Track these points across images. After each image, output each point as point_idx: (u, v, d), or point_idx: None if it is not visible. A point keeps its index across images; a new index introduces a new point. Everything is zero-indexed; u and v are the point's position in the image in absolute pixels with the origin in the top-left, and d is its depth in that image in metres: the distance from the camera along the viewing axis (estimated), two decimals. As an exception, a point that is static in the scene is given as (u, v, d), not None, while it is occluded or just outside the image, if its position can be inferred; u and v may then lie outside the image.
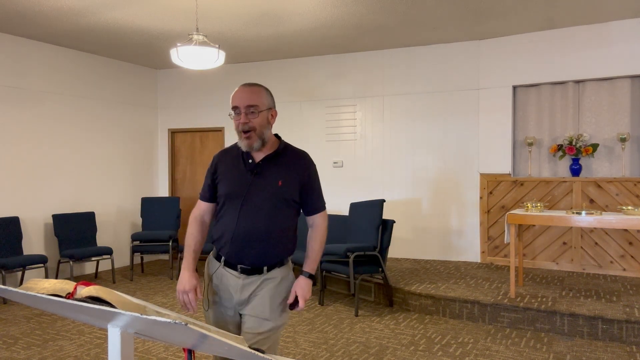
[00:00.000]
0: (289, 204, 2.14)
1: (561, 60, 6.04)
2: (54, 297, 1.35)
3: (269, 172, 2.13)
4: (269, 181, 2.11)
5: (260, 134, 2.09)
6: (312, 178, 2.20)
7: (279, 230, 2.12)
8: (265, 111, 2.10)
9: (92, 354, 3.96)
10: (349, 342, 4.20)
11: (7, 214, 6.01)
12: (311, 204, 2.21)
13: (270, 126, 2.15)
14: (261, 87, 2.14)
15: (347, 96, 7.18)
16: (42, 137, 6.46)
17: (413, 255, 6.85)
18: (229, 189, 2.14)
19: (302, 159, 2.21)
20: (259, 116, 2.08)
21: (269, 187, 2.10)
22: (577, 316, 4.24)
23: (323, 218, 2.24)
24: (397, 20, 5.69)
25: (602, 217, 4.39)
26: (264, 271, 2.12)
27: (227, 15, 5.44)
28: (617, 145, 5.89)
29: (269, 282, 2.13)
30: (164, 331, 1.39)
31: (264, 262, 2.12)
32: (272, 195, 2.09)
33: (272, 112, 2.14)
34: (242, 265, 2.11)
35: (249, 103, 2.07)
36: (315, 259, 2.20)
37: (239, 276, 2.12)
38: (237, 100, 2.10)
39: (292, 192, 2.13)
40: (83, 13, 5.35)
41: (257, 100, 2.09)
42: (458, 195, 6.60)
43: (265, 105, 2.11)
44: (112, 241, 7.23)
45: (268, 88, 2.19)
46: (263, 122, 2.09)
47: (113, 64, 7.42)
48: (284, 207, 2.12)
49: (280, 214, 2.11)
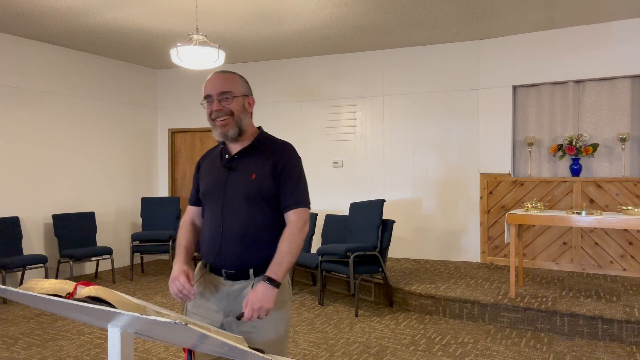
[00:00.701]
0: (267, 198, 1.92)
1: (561, 60, 6.04)
2: (54, 297, 1.35)
3: (243, 165, 1.96)
4: (243, 175, 1.94)
5: (238, 121, 1.94)
6: (287, 169, 1.94)
7: (258, 228, 1.92)
8: (240, 97, 1.96)
9: (92, 354, 3.96)
10: (349, 342, 4.20)
11: (7, 214, 6.01)
12: (284, 199, 1.94)
13: (249, 114, 2.00)
14: (235, 74, 2.01)
15: (347, 96, 7.18)
16: (42, 137, 6.46)
17: (413, 255, 6.85)
18: (205, 187, 2.02)
19: (279, 149, 1.99)
20: (234, 101, 1.94)
21: (243, 181, 1.93)
22: (577, 316, 4.24)
23: (297, 216, 1.92)
24: (397, 20, 5.69)
25: (602, 217, 4.39)
26: (251, 275, 1.91)
27: (227, 15, 5.44)
28: (617, 145, 5.89)
29: None
30: (164, 331, 1.39)
31: (248, 265, 1.90)
32: (246, 190, 1.92)
33: (248, 99, 1.99)
34: (226, 270, 1.93)
35: (222, 90, 1.94)
36: (279, 262, 1.85)
37: (225, 282, 1.94)
38: (209, 89, 1.96)
39: (266, 185, 1.91)
40: (83, 13, 5.35)
41: (231, 87, 1.95)
42: (458, 195, 6.60)
43: (240, 92, 1.97)
44: (112, 241, 7.23)
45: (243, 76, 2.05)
46: (240, 108, 1.95)
47: (113, 64, 7.42)
48: (262, 203, 1.92)
49: (257, 210, 1.92)
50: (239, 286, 1.91)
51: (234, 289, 1.92)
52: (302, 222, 1.92)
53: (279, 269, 1.84)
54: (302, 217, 1.93)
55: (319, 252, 5.31)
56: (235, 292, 1.91)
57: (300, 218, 1.92)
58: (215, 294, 1.95)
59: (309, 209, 1.98)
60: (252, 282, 1.90)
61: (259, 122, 2.16)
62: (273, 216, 1.95)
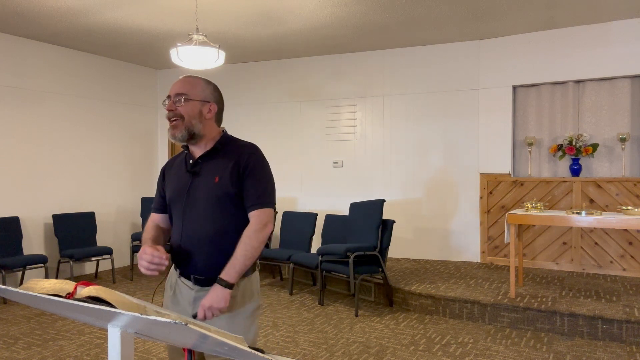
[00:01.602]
0: (232, 201, 1.89)
1: (561, 60, 6.04)
2: (54, 297, 1.35)
3: (206, 169, 1.93)
4: (206, 179, 1.92)
5: (188, 125, 1.91)
6: (250, 168, 1.90)
7: (225, 232, 1.89)
8: (197, 102, 1.93)
9: (92, 354, 3.96)
10: (349, 342, 4.20)
11: (7, 214, 6.01)
12: (246, 199, 1.90)
13: (205, 120, 1.94)
14: (199, 79, 1.99)
15: (347, 96, 7.18)
16: (42, 137, 6.46)
17: (413, 255, 6.85)
18: (171, 194, 1.99)
19: (243, 150, 1.95)
20: (187, 105, 1.91)
21: (206, 185, 1.91)
22: (577, 316, 4.24)
23: (257, 217, 1.88)
24: (397, 20, 5.69)
25: (602, 217, 4.39)
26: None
27: (227, 15, 5.44)
28: (617, 145, 5.89)
29: None
30: (164, 331, 1.39)
31: (216, 270, 1.85)
32: (210, 194, 1.89)
33: (209, 105, 1.95)
34: (194, 275, 1.92)
35: (178, 91, 1.93)
36: (233, 265, 1.83)
37: (193, 287, 1.93)
38: (170, 89, 1.97)
39: (231, 187, 1.88)
40: (83, 13, 5.35)
41: (188, 90, 1.93)
42: (458, 195, 6.60)
43: (198, 96, 1.93)
44: (112, 241, 7.23)
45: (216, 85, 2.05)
46: (192, 113, 1.91)
47: (113, 64, 7.42)
48: (228, 206, 1.89)
49: (223, 213, 1.89)
50: (207, 291, 1.88)
51: (202, 294, 1.90)
52: (260, 223, 1.88)
53: (232, 270, 1.83)
54: (262, 219, 1.89)
55: (319, 252, 5.32)
56: (202, 297, 1.89)
57: (259, 220, 1.88)
58: (184, 298, 1.96)
59: (271, 209, 1.93)
60: None
61: (258, 123, 2.17)
62: (240, 219, 1.91)
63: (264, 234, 1.88)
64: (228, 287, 1.82)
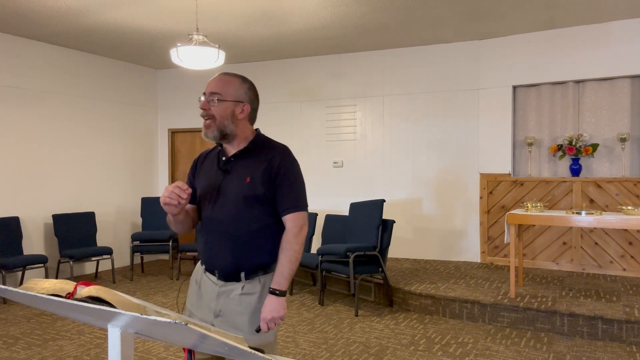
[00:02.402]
0: (261, 202, 1.92)
1: (561, 60, 6.04)
2: (54, 297, 1.35)
3: (238, 168, 1.95)
4: (237, 178, 1.94)
5: (220, 125, 1.92)
6: (283, 172, 1.93)
7: (252, 232, 1.92)
8: (230, 102, 1.93)
9: (92, 354, 3.96)
10: (349, 342, 4.20)
11: (7, 214, 6.01)
12: (280, 203, 1.93)
13: (238, 120, 1.95)
14: (236, 78, 1.97)
15: (347, 96, 7.18)
16: (42, 137, 6.46)
17: (413, 255, 6.85)
18: (202, 190, 2.02)
19: (275, 152, 1.97)
20: (220, 106, 1.92)
21: (237, 184, 1.93)
22: (577, 316, 4.24)
23: (293, 222, 1.93)
24: (397, 20, 5.69)
25: (602, 217, 4.39)
26: (242, 278, 1.92)
27: (227, 15, 5.44)
28: (617, 145, 5.89)
29: (247, 298, 1.92)
30: (164, 331, 1.39)
31: (239, 267, 1.92)
32: (240, 193, 1.91)
33: (242, 106, 1.95)
34: (219, 271, 1.95)
35: (212, 90, 1.94)
36: (281, 272, 1.89)
37: (217, 282, 1.96)
38: (206, 87, 1.97)
39: (261, 188, 1.91)
40: (83, 13, 5.35)
41: (222, 89, 1.93)
42: (458, 195, 6.60)
43: (231, 96, 1.93)
44: (112, 241, 7.23)
45: (252, 83, 2.03)
46: (224, 114, 1.92)
47: (113, 64, 7.42)
48: (256, 206, 1.92)
49: (252, 213, 1.91)
50: (230, 287, 1.94)
51: (225, 289, 1.94)
52: (297, 227, 1.92)
53: (281, 279, 1.89)
54: (298, 222, 1.93)
55: (319, 252, 5.31)
56: (226, 292, 1.94)
57: (295, 224, 1.93)
58: (208, 293, 1.98)
59: (305, 212, 1.97)
60: (242, 284, 1.93)
61: (258, 123, 2.15)
62: (267, 220, 1.95)
63: (302, 237, 1.93)
64: (282, 295, 1.89)
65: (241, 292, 1.92)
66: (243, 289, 1.92)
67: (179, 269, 6.89)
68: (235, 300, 1.92)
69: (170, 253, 6.78)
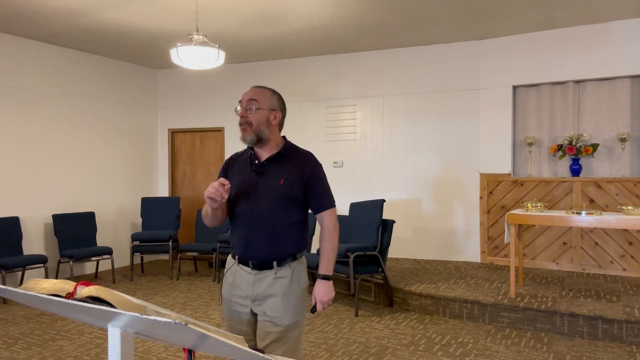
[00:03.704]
0: (292, 201, 2.20)
1: (561, 60, 6.05)
2: (54, 297, 1.35)
3: (272, 171, 2.21)
4: (272, 180, 2.20)
5: (257, 130, 2.18)
6: (314, 177, 2.24)
7: (284, 226, 2.19)
8: (265, 110, 2.19)
9: (92, 354, 3.96)
10: (349, 342, 4.20)
11: (7, 214, 6.01)
12: (315, 202, 2.26)
13: (272, 126, 2.22)
14: (267, 90, 2.25)
15: (347, 96, 7.18)
16: (42, 137, 6.47)
17: (413, 255, 6.85)
18: (237, 189, 2.24)
19: (304, 159, 2.27)
20: (257, 113, 2.17)
21: (272, 185, 2.19)
22: (577, 316, 4.24)
23: (329, 217, 2.27)
24: (397, 20, 5.69)
25: (602, 217, 4.39)
26: (274, 266, 2.18)
27: (227, 15, 5.44)
28: (617, 145, 5.89)
29: (280, 281, 2.18)
30: (164, 331, 1.39)
31: (273, 257, 2.19)
32: (275, 194, 2.18)
33: (275, 113, 2.23)
34: (253, 261, 2.20)
35: (250, 97, 2.19)
36: (327, 259, 2.26)
37: (251, 272, 2.20)
38: (242, 96, 2.23)
39: (293, 190, 2.19)
40: (83, 13, 5.35)
41: (258, 97, 2.19)
42: (458, 195, 6.60)
43: (266, 105, 2.20)
44: (112, 241, 7.23)
45: (279, 93, 2.31)
46: (260, 120, 2.18)
47: (113, 64, 7.42)
48: (288, 204, 2.19)
49: (284, 211, 2.19)
50: (264, 274, 2.19)
51: (260, 277, 2.20)
52: (334, 221, 2.28)
53: (328, 264, 2.25)
54: (333, 217, 2.29)
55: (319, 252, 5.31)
56: (260, 279, 2.19)
57: (332, 218, 2.27)
58: (244, 282, 2.22)
59: (335, 208, 2.32)
60: (275, 270, 2.19)
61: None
62: (296, 217, 2.24)
63: (337, 229, 2.29)
64: (330, 279, 2.26)
65: (274, 277, 2.18)
66: (276, 274, 2.18)
67: (179, 269, 6.89)
68: (269, 284, 2.17)
69: (170, 253, 6.78)
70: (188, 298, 5.72)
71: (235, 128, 8.00)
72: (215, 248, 6.55)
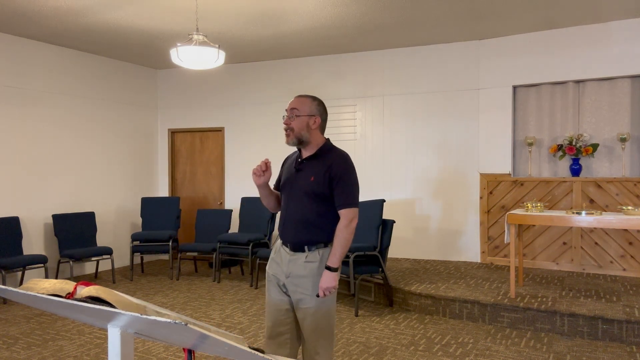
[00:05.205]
0: (320, 196, 2.50)
1: (561, 60, 6.04)
2: (54, 297, 1.35)
3: (307, 169, 2.55)
4: (306, 176, 2.53)
5: (298, 135, 2.53)
6: (339, 176, 2.49)
7: (313, 216, 2.51)
8: (304, 117, 2.54)
9: (92, 354, 3.96)
10: (349, 342, 4.20)
11: (7, 214, 6.01)
12: (336, 199, 2.51)
13: (312, 130, 2.55)
14: (308, 98, 2.61)
15: (347, 96, 7.18)
16: (41, 137, 6.46)
17: (413, 255, 6.85)
18: (284, 182, 2.64)
19: (334, 158, 2.54)
20: (297, 120, 2.53)
21: (304, 181, 2.53)
22: (577, 316, 4.24)
23: (344, 216, 2.49)
24: (397, 20, 5.69)
25: (602, 217, 4.39)
26: (306, 250, 2.51)
27: (227, 15, 5.44)
28: (617, 145, 5.89)
29: (310, 265, 2.50)
30: (164, 331, 1.39)
31: (303, 242, 2.52)
32: (306, 188, 2.51)
33: (314, 118, 2.55)
34: (290, 242, 2.55)
35: (292, 106, 2.56)
36: (334, 253, 2.49)
37: (289, 252, 2.56)
38: (287, 105, 2.60)
39: (321, 186, 2.49)
40: (83, 13, 5.35)
41: (298, 105, 2.56)
42: (458, 195, 6.60)
43: (305, 112, 2.54)
44: (112, 241, 7.23)
45: (321, 100, 2.66)
46: (301, 125, 2.53)
47: (113, 64, 7.42)
48: (317, 199, 2.50)
49: (313, 204, 2.51)
50: (297, 256, 2.54)
51: (294, 257, 2.54)
52: (347, 220, 2.49)
53: (333, 258, 2.49)
54: (348, 216, 2.50)
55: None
56: (294, 260, 2.54)
57: (346, 217, 2.49)
58: (283, 259, 2.58)
59: (356, 208, 2.52)
60: (306, 254, 2.52)
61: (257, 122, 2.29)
62: (324, 209, 2.53)
63: (351, 227, 2.50)
64: (334, 270, 2.48)
65: (305, 260, 2.51)
66: (306, 257, 2.51)
67: (179, 269, 6.89)
68: (301, 266, 2.51)
69: (170, 253, 6.78)
70: (188, 298, 5.72)
71: (235, 128, 8.03)
72: (215, 248, 6.55)
